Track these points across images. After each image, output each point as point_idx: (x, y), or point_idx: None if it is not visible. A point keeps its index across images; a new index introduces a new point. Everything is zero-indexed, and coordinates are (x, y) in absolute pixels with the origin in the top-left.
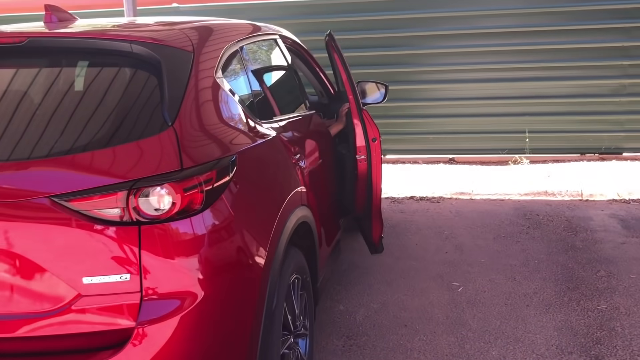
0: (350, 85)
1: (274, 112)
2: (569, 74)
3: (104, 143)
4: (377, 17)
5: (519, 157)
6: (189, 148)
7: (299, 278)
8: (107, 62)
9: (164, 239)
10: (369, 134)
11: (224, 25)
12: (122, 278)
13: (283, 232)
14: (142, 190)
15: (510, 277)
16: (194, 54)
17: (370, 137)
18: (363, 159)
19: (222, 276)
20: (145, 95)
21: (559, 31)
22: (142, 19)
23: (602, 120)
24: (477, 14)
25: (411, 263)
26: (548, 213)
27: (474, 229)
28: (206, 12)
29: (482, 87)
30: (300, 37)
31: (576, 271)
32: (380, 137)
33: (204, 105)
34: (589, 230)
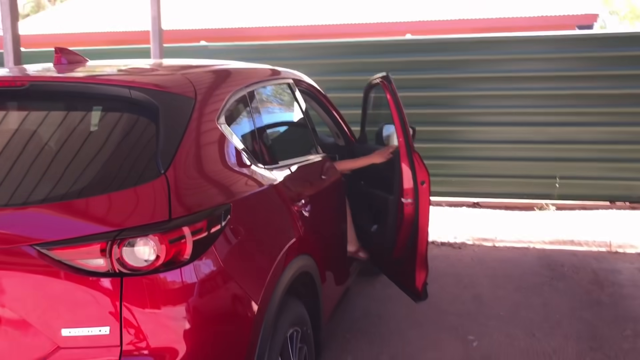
0: (402, 126)
1: (280, 157)
2: (600, 119)
3: (91, 191)
4: (402, 59)
5: (545, 203)
6: (181, 197)
7: (298, 330)
8: (104, 108)
9: (147, 291)
10: (417, 177)
11: (233, 70)
12: (102, 331)
13: (279, 284)
14: (126, 241)
15: (529, 333)
16: (195, 100)
17: (419, 180)
18: (409, 202)
19: (208, 331)
20: (139, 143)
21: (590, 76)
22: (154, 61)
23: (633, 167)
24: (507, 58)
25: (426, 313)
26: (574, 264)
27: (495, 279)
28: (234, 51)
29: (510, 131)
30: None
31: (600, 329)
32: (429, 180)
33: (201, 152)
34: (617, 284)
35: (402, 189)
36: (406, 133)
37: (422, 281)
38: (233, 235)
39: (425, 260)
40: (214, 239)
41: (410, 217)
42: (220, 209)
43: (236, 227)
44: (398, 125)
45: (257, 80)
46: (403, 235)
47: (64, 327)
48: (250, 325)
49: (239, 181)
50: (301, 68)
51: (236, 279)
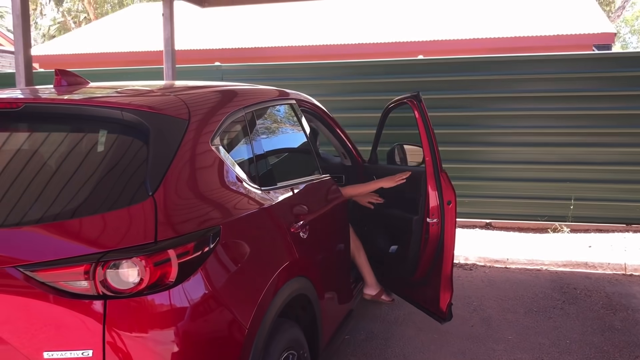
0: (430, 145)
1: (278, 178)
2: (613, 140)
3: (79, 212)
4: (414, 79)
5: (559, 224)
6: (168, 219)
7: (293, 353)
8: (96, 130)
9: (131, 314)
10: (444, 196)
11: (231, 91)
12: (84, 354)
13: (271, 307)
14: (110, 263)
15: (538, 358)
16: (188, 122)
17: (446, 200)
18: (435, 222)
19: (193, 354)
20: (129, 165)
21: (603, 97)
22: (155, 83)
23: None
24: (523, 78)
25: (433, 336)
26: (586, 287)
27: (505, 301)
28: (247, 71)
29: (523, 151)
30: (336, 96)
31: (612, 355)
32: (455, 200)
33: (192, 174)
34: (631, 309)
35: (427, 209)
36: (434, 152)
37: (447, 302)
38: (222, 258)
39: (451, 280)
40: (201, 262)
41: (436, 237)
42: (210, 231)
43: (226, 249)
44: (426, 143)
45: (256, 101)
46: (427, 256)
47: (46, 349)
48: (238, 349)
49: (231, 203)
50: (314, 88)
51: (225, 302)
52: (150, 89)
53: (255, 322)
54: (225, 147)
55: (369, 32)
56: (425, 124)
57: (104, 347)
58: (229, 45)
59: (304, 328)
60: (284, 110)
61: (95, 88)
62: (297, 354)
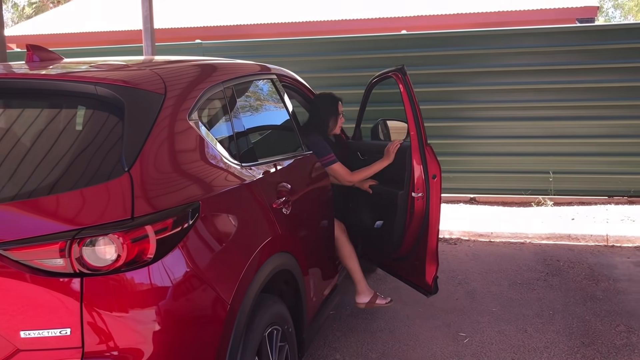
0: (415, 119)
1: (259, 154)
2: (597, 113)
3: (54, 189)
4: (397, 55)
5: (542, 198)
6: (145, 195)
7: (277, 329)
8: (69, 105)
9: (109, 291)
10: (429, 171)
11: (209, 66)
12: (62, 332)
13: (253, 282)
14: (86, 240)
15: (522, 329)
16: (164, 97)
17: (431, 174)
18: (420, 197)
19: (174, 331)
20: (104, 140)
21: (586, 70)
22: (131, 58)
23: (631, 161)
24: (501, 52)
25: (418, 310)
26: (569, 259)
27: (489, 274)
28: (229, 48)
29: (507, 126)
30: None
31: (593, 324)
32: (440, 174)
33: (169, 150)
34: (612, 279)
35: (413, 183)
36: (419, 126)
37: (433, 275)
38: (202, 234)
39: (436, 254)
40: (180, 238)
41: (421, 212)
42: (189, 207)
43: (206, 225)
44: (411, 117)
45: (235, 75)
46: (412, 230)
47: (23, 329)
48: (220, 325)
49: (211, 179)
50: (297, 65)
51: (205, 278)
52: (125, 64)
53: (237, 298)
54: (204, 122)
55: (352, 8)
56: (410, 97)
57: (82, 325)
58: (210, 23)
59: (288, 304)
60: (265, 85)
61: (69, 63)
62: (282, 329)
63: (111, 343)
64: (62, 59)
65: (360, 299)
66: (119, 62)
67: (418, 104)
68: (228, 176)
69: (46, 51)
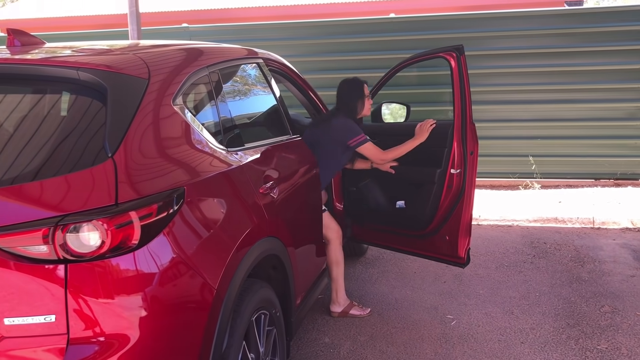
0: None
1: (246, 139)
2: (583, 96)
3: (36, 175)
4: (385, 39)
5: (530, 181)
6: (129, 181)
7: (265, 313)
8: (51, 90)
9: (94, 277)
10: (467, 147)
11: (194, 50)
12: (47, 319)
13: (240, 267)
14: (70, 226)
15: (508, 311)
16: (148, 81)
17: (469, 150)
18: (458, 173)
19: (160, 317)
20: (87, 126)
21: (573, 53)
22: (114, 42)
23: (617, 144)
24: (490, 35)
25: (406, 292)
26: (556, 241)
27: (477, 257)
28: (216, 32)
29: (494, 109)
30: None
31: (579, 306)
32: (478, 151)
33: (153, 135)
34: (597, 261)
35: (454, 160)
36: (465, 107)
37: (466, 247)
38: (188, 219)
39: (470, 228)
40: (165, 224)
41: (458, 188)
42: (174, 192)
43: (191, 210)
44: (458, 98)
45: (221, 60)
46: (445, 206)
47: (7, 316)
48: (207, 310)
49: (196, 164)
50: (284, 48)
51: (191, 264)
52: (109, 48)
53: (223, 283)
54: (189, 107)
55: None
56: (461, 77)
57: (67, 312)
58: (196, 6)
59: (276, 288)
60: (251, 69)
61: (51, 48)
62: (269, 314)
63: (97, 329)
64: (44, 43)
65: (335, 308)
66: (102, 47)
67: (469, 85)
68: (213, 161)
69: (27, 35)
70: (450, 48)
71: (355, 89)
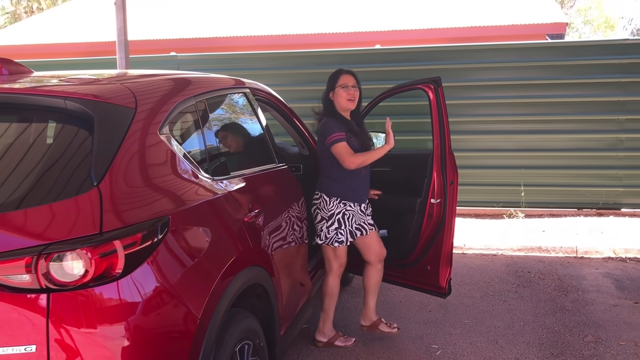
0: (440, 129)
1: (232, 167)
2: (566, 127)
3: (21, 204)
4: (371, 69)
5: (514, 210)
6: (114, 210)
7: (249, 343)
8: (38, 119)
9: (76, 307)
10: (447, 177)
11: (181, 80)
12: (28, 349)
13: (224, 296)
14: (53, 255)
15: (493, 341)
16: (135, 110)
17: (449, 180)
18: (438, 203)
19: (142, 347)
20: (73, 155)
21: (555, 85)
22: (102, 72)
23: (599, 174)
24: (474, 67)
25: (392, 322)
26: (540, 270)
27: (462, 286)
28: (204, 61)
29: (478, 139)
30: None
31: (563, 335)
32: (457, 181)
33: (139, 164)
34: (581, 290)
35: (433, 190)
36: (444, 137)
37: (447, 277)
38: (172, 248)
39: (451, 258)
40: (149, 252)
41: (438, 217)
42: (158, 221)
43: (176, 239)
44: (437, 128)
45: (208, 89)
46: (426, 235)
47: None
48: (190, 340)
49: (181, 193)
50: (271, 78)
51: (174, 293)
52: (96, 78)
53: (207, 313)
54: (175, 137)
55: (326, 22)
56: (439, 108)
57: (48, 342)
58: (185, 35)
59: (260, 318)
60: (239, 99)
61: (39, 77)
62: (253, 344)
63: (78, 359)
64: (32, 72)
65: (320, 337)
66: (89, 76)
67: (447, 115)
68: (199, 190)
69: (15, 64)
70: (428, 80)
71: (327, 83)
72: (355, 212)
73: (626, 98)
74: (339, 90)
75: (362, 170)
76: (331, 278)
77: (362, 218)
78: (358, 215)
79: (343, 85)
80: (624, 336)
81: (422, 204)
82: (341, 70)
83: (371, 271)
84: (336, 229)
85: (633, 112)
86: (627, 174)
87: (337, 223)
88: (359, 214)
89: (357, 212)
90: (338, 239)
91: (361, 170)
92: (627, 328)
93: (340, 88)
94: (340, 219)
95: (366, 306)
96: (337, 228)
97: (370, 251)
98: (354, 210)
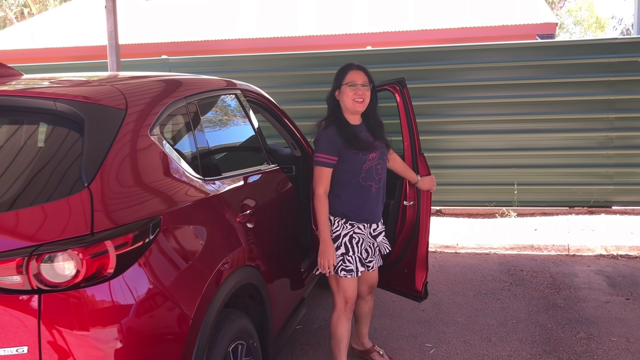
0: (409, 130)
1: (223, 168)
2: (556, 126)
3: (11, 205)
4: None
5: (506, 209)
6: (105, 210)
7: (242, 344)
8: (29, 121)
9: (67, 307)
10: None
11: (171, 81)
12: (19, 351)
13: (216, 297)
14: (44, 256)
15: (486, 338)
16: (125, 112)
17: None
18: (411, 205)
19: (134, 348)
20: (64, 156)
21: (546, 84)
22: (92, 74)
23: (590, 173)
24: (465, 67)
25: (385, 321)
26: (532, 268)
27: (455, 285)
28: (195, 64)
29: (470, 139)
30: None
31: (555, 332)
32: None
33: (130, 165)
34: (573, 287)
35: (405, 192)
36: (413, 138)
37: (423, 281)
38: (164, 248)
39: (426, 261)
40: (141, 253)
41: (412, 220)
42: (150, 221)
43: (167, 239)
44: (406, 129)
45: (198, 91)
46: (402, 238)
47: None
48: (182, 340)
49: (172, 193)
50: (262, 80)
51: (166, 293)
52: (86, 80)
53: (199, 313)
54: (166, 137)
55: (317, 24)
56: (406, 109)
57: (40, 343)
58: (175, 39)
59: (253, 318)
60: (230, 100)
61: (29, 80)
62: (246, 344)
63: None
64: (22, 75)
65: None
66: (80, 78)
67: (415, 116)
68: (190, 190)
69: (5, 67)
70: (393, 81)
71: (334, 79)
72: (365, 236)
73: (616, 97)
74: (346, 88)
75: (373, 185)
76: (334, 316)
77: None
78: (367, 240)
79: (350, 83)
80: (616, 332)
81: (394, 206)
82: (350, 65)
83: (360, 303)
84: (342, 255)
85: (623, 111)
86: (617, 172)
87: (343, 247)
88: (368, 239)
89: (367, 236)
90: (345, 267)
91: (372, 184)
92: (618, 324)
93: (347, 86)
94: (347, 242)
95: (358, 333)
96: (344, 254)
97: (364, 282)
98: (364, 234)
